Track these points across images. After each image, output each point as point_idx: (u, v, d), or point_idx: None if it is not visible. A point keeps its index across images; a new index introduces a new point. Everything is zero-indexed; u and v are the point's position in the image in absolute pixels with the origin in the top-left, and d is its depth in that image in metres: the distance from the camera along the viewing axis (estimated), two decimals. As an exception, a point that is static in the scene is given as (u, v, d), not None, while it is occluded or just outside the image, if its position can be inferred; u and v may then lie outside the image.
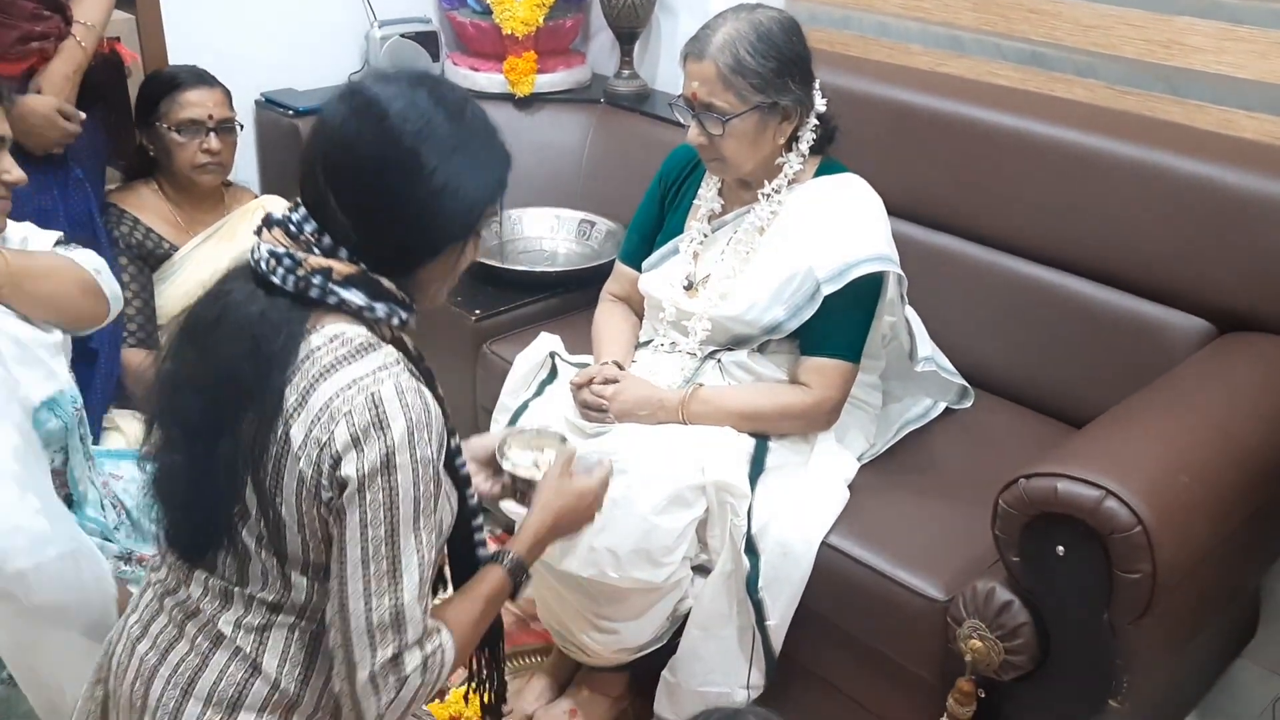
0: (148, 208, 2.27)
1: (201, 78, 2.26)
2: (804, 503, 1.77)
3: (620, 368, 1.92)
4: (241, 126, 2.31)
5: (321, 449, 1.07)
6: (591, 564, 1.72)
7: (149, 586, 1.25)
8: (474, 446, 1.45)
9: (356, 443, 1.07)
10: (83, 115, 2.02)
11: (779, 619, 1.74)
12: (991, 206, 2.13)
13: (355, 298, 1.12)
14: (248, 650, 1.16)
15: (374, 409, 1.08)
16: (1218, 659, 2.08)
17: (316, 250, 1.13)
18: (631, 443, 1.78)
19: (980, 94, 2.22)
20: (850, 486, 1.83)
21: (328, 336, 1.12)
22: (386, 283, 1.15)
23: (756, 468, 1.79)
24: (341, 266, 1.12)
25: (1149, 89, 2.16)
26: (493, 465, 1.45)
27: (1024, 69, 2.33)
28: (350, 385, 1.09)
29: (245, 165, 2.85)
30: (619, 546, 1.70)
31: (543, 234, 2.74)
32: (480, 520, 1.32)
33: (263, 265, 1.13)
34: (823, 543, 1.74)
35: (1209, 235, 1.87)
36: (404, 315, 1.17)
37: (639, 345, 2.03)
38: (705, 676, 1.81)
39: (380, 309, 1.14)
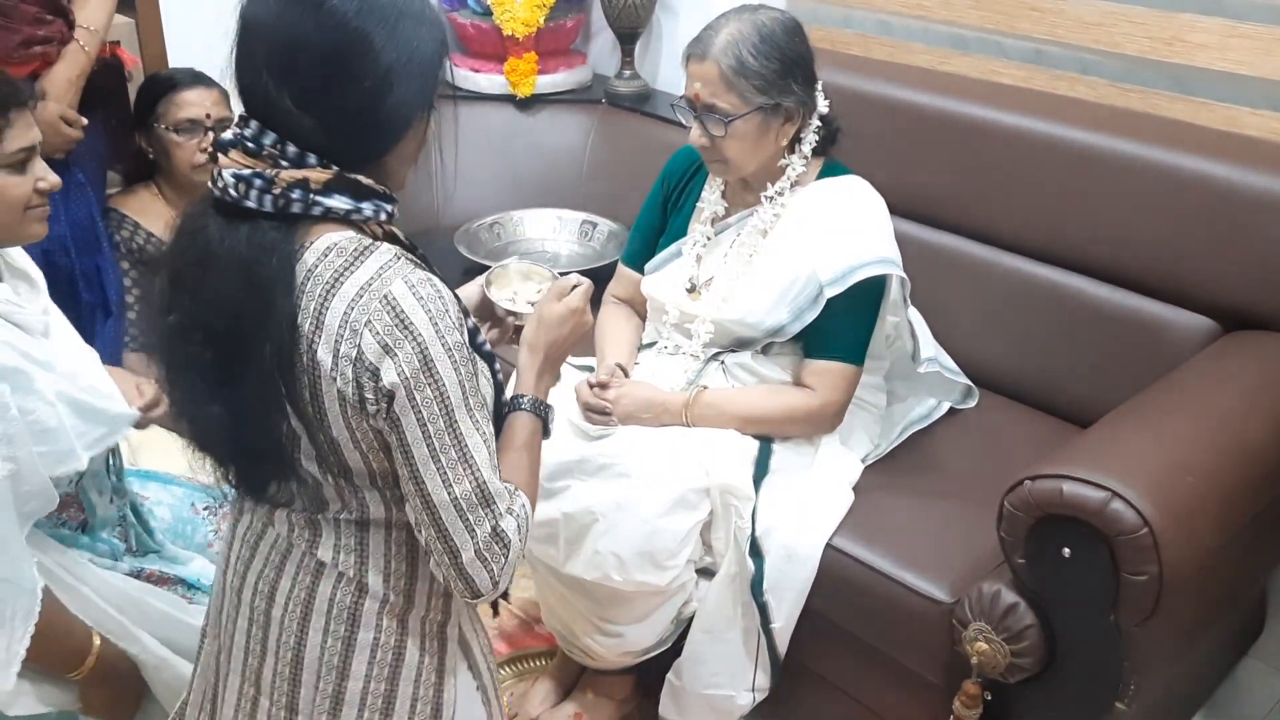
0: (148, 211, 2.26)
1: (199, 78, 2.25)
2: (808, 505, 1.76)
3: (623, 370, 1.92)
4: None
5: (355, 364, 1.05)
6: (596, 567, 1.72)
7: (236, 538, 1.24)
8: (465, 295, 1.40)
9: (387, 350, 1.05)
10: (85, 121, 2.01)
11: (784, 621, 1.74)
12: (994, 205, 2.13)
13: (341, 202, 1.08)
14: (351, 574, 1.16)
15: (392, 310, 1.05)
16: (1225, 658, 2.07)
17: (284, 163, 1.07)
18: (635, 445, 1.77)
19: (983, 92, 2.21)
20: (855, 488, 1.83)
21: (320, 251, 1.07)
22: (364, 180, 1.10)
23: (760, 470, 1.78)
24: (316, 174, 1.07)
25: (1152, 86, 2.16)
26: (481, 312, 1.42)
27: (1026, 67, 2.32)
28: (360, 294, 1.05)
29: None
30: (623, 549, 1.70)
31: (545, 235, 2.74)
32: (506, 395, 1.29)
33: (231, 192, 1.06)
34: (827, 545, 1.73)
35: (1213, 233, 1.86)
36: (389, 209, 1.13)
37: (642, 347, 2.03)
38: (710, 679, 1.80)
39: (367, 208, 1.10)
